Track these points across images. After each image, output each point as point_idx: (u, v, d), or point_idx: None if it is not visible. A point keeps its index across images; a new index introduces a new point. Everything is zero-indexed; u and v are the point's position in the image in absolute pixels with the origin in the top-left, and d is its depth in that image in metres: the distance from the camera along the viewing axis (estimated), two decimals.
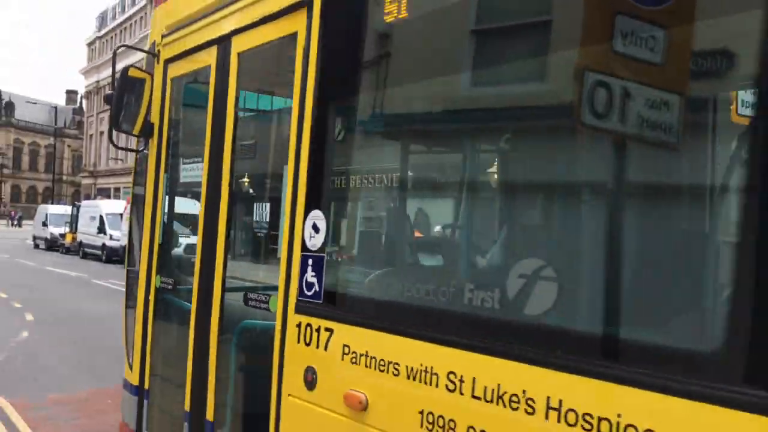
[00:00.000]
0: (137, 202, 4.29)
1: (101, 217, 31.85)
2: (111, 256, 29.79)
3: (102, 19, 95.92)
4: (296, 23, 2.95)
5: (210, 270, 3.43)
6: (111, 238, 30.42)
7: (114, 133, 4.00)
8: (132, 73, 3.97)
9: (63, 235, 36.93)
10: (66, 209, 40.48)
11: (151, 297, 4.02)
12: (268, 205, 4.29)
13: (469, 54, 2.41)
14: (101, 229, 31.55)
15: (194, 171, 3.93)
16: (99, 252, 31.53)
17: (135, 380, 4.12)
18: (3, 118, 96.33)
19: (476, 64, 2.40)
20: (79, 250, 34.05)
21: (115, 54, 4.03)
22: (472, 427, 2.06)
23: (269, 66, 3.55)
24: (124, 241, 11.63)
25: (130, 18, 71.25)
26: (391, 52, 2.72)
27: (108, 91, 4.07)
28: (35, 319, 13.00)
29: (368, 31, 2.77)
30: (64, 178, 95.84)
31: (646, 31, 1.84)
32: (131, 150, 4.40)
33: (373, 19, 2.72)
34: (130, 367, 4.21)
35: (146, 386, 4.04)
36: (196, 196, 3.75)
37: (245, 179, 3.79)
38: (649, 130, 1.85)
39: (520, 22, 2.30)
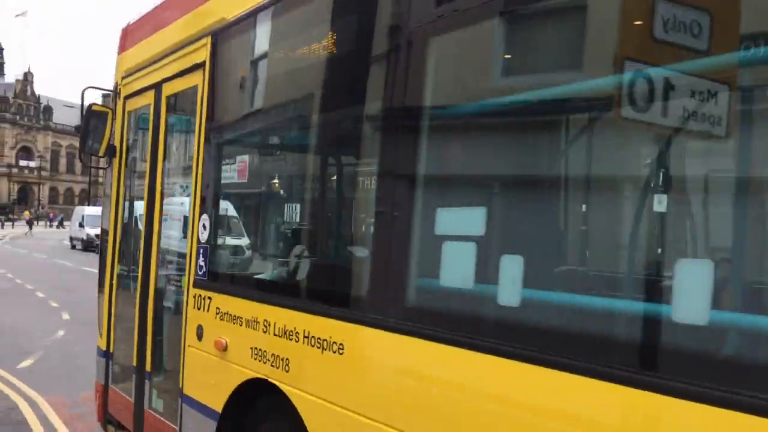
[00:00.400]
0: (104, 207, 5.55)
1: (136, 218, 33.35)
2: None
3: None
4: (196, 79, 4.15)
5: (148, 259, 4.66)
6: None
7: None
8: (95, 108, 5.24)
9: (99, 236, 38.23)
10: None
11: (114, 281, 5.29)
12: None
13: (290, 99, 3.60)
14: None
15: (144, 183, 5.16)
16: None
17: (103, 346, 5.40)
18: (41, 122, 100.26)
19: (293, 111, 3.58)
20: None
21: (83, 94, 5.28)
22: (273, 354, 3.23)
23: (186, 107, 4.73)
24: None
25: None
26: (251, 101, 3.90)
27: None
28: (71, 318, 13.35)
29: (236, 87, 3.96)
30: (101, 180, 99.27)
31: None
32: (98, 167, 5.67)
33: (236, 80, 3.90)
34: (101, 336, 5.48)
35: (111, 350, 5.30)
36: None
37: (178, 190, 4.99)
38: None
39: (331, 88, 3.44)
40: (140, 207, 5.13)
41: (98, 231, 33.42)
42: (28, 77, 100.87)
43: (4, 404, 7.35)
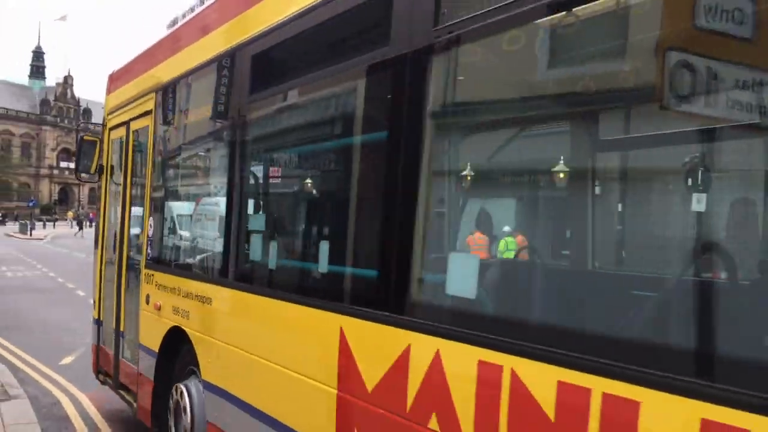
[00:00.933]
0: (97, 211, 7.43)
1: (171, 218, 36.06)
2: None
3: (173, 26, 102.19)
4: (148, 121, 5.97)
5: (121, 249, 6.51)
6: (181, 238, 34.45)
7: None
8: (86, 138, 7.13)
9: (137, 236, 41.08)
10: (139, 210, 44.78)
11: (103, 266, 7.17)
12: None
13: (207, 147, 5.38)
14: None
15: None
16: None
17: (96, 315, 7.29)
18: (81, 123, 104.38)
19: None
20: None
21: (77, 134, 7.16)
22: (182, 309, 5.02)
23: (144, 140, 6.54)
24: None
25: None
26: (178, 139, 5.69)
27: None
28: None
29: (169, 129, 5.75)
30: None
31: None
32: (91, 182, 7.58)
33: (170, 125, 5.70)
34: (94, 308, 7.37)
35: (101, 318, 7.19)
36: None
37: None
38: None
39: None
40: (119, 210, 6.99)
41: (137, 231, 36.96)
42: (68, 80, 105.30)
43: (47, 400, 7.81)
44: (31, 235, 52.47)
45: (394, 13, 2.91)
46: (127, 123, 6.58)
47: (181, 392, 4.93)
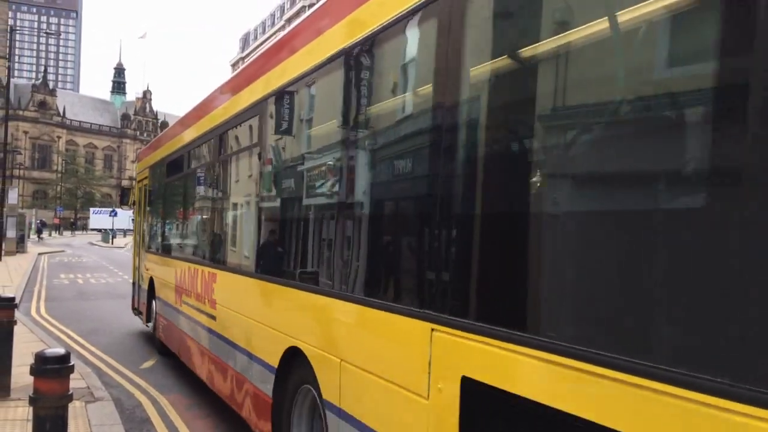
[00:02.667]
0: (136, 224, 15.17)
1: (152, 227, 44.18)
2: None
3: (245, 41, 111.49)
4: (147, 181, 13.56)
5: (140, 244, 14.17)
6: (152, 237, 42.54)
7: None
8: (125, 187, 14.94)
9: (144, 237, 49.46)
10: (145, 225, 53.12)
11: (134, 255, 14.88)
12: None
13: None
14: None
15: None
16: None
17: (132, 279, 14.99)
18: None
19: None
20: None
21: (121, 186, 14.87)
22: (152, 267, 12.53)
23: (147, 190, 13.96)
24: None
25: (269, 39, 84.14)
26: (155, 195, 13.17)
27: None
28: None
29: (150, 190, 13.28)
30: None
31: None
32: (130, 208, 15.30)
33: (151, 188, 13.23)
34: (132, 277, 15.08)
35: (134, 281, 14.88)
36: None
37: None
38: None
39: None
40: (140, 225, 14.62)
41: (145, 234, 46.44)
42: (146, 95, 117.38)
43: (129, 402, 8.45)
44: (112, 243, 59.76)
45: None
46: (141, 180, 14.23)
47: (153, 303, 12.37)
